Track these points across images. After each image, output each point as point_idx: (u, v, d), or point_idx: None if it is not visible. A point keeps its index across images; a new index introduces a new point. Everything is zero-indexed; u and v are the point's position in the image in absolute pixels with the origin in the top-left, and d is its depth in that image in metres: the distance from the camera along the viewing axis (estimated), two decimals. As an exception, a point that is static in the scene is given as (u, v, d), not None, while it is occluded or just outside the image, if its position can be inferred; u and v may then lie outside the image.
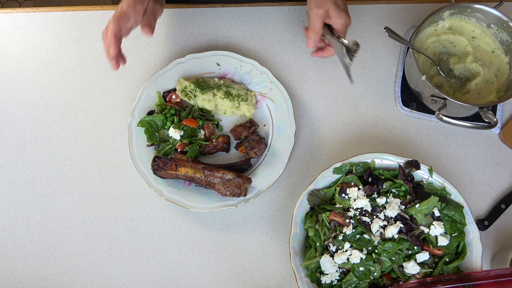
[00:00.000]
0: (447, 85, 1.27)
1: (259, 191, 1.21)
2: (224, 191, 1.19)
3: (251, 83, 1.32)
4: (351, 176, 1.15)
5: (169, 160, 1.21)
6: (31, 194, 1.28)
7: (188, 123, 1.25)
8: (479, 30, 1.30)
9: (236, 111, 1.29)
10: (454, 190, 1.15)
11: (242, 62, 1.32)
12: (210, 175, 1.19)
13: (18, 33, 1.41)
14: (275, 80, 1.30)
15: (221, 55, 1.32)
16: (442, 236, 1.10)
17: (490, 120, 1.17)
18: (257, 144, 1.25)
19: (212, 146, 1.26)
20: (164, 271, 1.22)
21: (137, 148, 1.24)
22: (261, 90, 1.31)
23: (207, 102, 1.27)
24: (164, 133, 1.26)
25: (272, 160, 1.25)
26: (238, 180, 1.19)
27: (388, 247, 1.08)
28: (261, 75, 1.31)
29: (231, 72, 1.33)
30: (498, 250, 1.23)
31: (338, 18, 1.12)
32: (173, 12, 1.43)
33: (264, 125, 1.30)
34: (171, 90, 1.30)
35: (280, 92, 1.29)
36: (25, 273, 1.23)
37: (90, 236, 1.25)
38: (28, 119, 1.34)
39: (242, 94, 1.29)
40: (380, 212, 1.12)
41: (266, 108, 1.31)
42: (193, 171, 1.20)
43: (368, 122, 1.33)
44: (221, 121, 1.32)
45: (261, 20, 1.42)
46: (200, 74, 1.33)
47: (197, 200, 1.21)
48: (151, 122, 1.25)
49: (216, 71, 1.33)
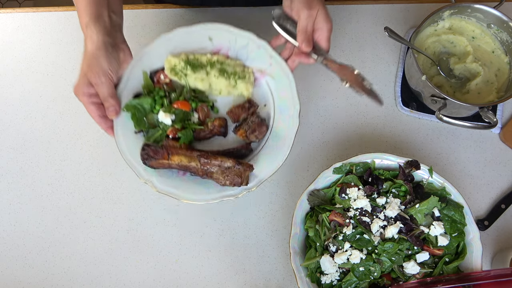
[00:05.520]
0: (447, 85, 1.27)
1: (262, 179, 1.11)
2: (223, 181, 1.08)
3: (248, 59, 1.19)
4: (351, 176, 1.15)
5: (160, 148, 1.09)
6: (31, 194, 1.28)
7: (180, 105, 1.13)
8: (479, 30, 1.30)
9: (233, 90, 1.16)
10: (454, 190, 1.15)
11: (237, 35, 1.17)
12: (206, 163, 1.08)
13: (18, 33, 1.41)
14: (274, 54, 1.16)
15: (213, 29, 1.18)
16: (442, 236, 1.10)
17: (490, 120, 1.17)
18: (257, 126, 1.13)
19: (207, 131, 1.15)
20: (164, 271, 1.22)
21: (123, 135, 1.11)
22: (260, 66, 1.18)
23: (200, 81, 1.15)
24: (153, 117, 1.14)
25: (275, 144, 1.14)
26: (238, 168, 1.07)
27: (388, 247, 1.08)
28: (259, 50, 1.17)
29: (225, 47, 1.19)
30: (498, 250, 1.23)
31: (326, 22, 1.08)
32: (173, 12, 1.43)
33: (265, 104, 1.18)
34: (159, 70, 1.17)
35: (280, 67, 1.16)
36: (25, 273, 1.23)
37: (90, 236, 1.25)
38: (28, 119, 1.34)
39: (238, 71, 1.15)
40: (380, 212, 1.12)
41: (265, 86, 1.18)
42: (187, 159, 1.08)
43: (368, 122, 1.33)
44: (216, 102, 1.19)
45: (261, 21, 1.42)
46: (191, 51, 1.17)
47: (193, 191, 1.10)
48: (138, 106, 1.12)
49: (209, 47, 1.19)
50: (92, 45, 1.03)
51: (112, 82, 1.07)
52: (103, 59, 1.03)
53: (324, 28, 1.08)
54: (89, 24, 1.04)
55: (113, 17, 1.08)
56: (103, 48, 1.03)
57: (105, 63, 1.04)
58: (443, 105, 1.18)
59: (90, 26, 1.03)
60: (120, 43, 1.10)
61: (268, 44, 1.16)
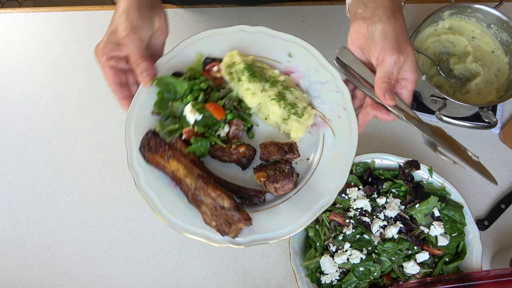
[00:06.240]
0: (447, 85, 1.27)
1: (257, 240, 0.88)
2: (208, 219, 0.87)
3: (319, 98, 0.97)
4: (351, 176, 1.15)
5: (165, 144, 0.91)
6: (31, 194, 1.28)
7: (213, 109, 0.92)
8: (479, 30, 1.30)
9: (282, 123, 0.95)
10: (454, 190, 1.15)
11: (322, 67, 0.96)
12: (202, 188, 0.87)
13: (18, 33, 1.42)
14: (350, 108, 0.94)
15: (297, 45, 0.98)
16: (442, 236, 1.10)
17: (490, 120, 1.17)
18: (283, 178, 0.89)
19: (227, 153, 0.93)
20: (164, 271, 1.22)
21: (139, 108, 0.93)
22: (327, 113, 0.96)
23: (251, 94, 0.94)
24: (179, 107, 0.94)
25: (294, 208, 0.90)
26: (233, 214, 0.85)
27: (388, 247, 1.08)
28: (337, 94, 0.95)
29: (300, 73, 0.98)
30: (498, 250, 1.23)
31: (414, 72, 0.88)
32: (173, 12, 1.43)
33: (307, 158, 0.95)
34: (216, 60, 0.98)
35: (350, 126, 0.93)
36: (25, 273, 1.23)
37: (90, 236, 1.25)
38: (28, 119, 1.34)
39: (299, 106, 0.93)
40: (380, 212, 1.12)
41: (320, 139, 0.95)
42: (184, 172, 0.89)
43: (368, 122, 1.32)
44: (257, 126, 0.98)
45: (262, 20, 1.42)
46: (262, 57, 0.99)
47: (175, 211, 0.89)
48: (170, 86, 0.94)
49: (283, 62, 0.99)
50: (125, 2, 0.90)
51: (144, 44, 0.91)
52: (135, 17, 0.89)
53: (410, 80, 0.88)
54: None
55: None
56: (136, 5, 0.89)
57: (137, 22, 0.89)
58: (443, 105, 1.18)
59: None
60: (157, 6, 0.95)
61: (349, 91, 0.94)
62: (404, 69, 0.87)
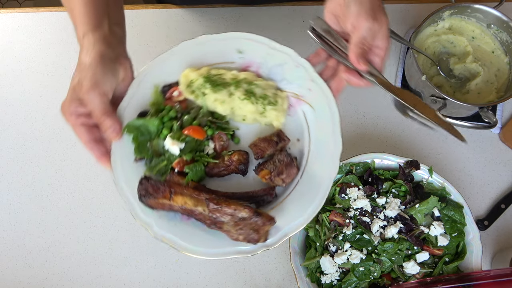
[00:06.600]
0: (447, 85, 1.27)
1: (287, 233, 0.87)
2: (235, 235, 0.85)
3: (284, 80, 0.96)
4: (351, 176, 1.15)
5: (162, 184, 0.87)
6: (31, 194, 1.28)
7: (192, 132, 0.90)
8: (479, 30, 1.30)
9: (260, 118, 0.94)
10: (454, 190, 1.15)
11: (274, 50, 0.95)
12: (216, 210, 0.84)
13: (18, 33, 1.41)
14: (316, 77, 0.93)
15: (244, 39, 0.96)
16: (442, 236, 1.10)
17: (490, 120, 1.18)
18: (285, 167, 0.90)
19: (223, 167, 0.91)
20: (164, 271, 1.22)
21: (121, 161, 0.89)
22: (297, 90, 0.95)
23: (221, 103, 0.92)
24: (159, 144, 0.91)
25: (306, 190, 0.89)
26: (255, 220, 0.84)
27: (388, 247, 1.08)
28: (298, 69, 0.94)
29: (257, 63, 0.97)
30: (498, 250, 1.23)
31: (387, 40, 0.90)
32: (173, 12, 1.43)
33: (298, 139, 0.95)
34: (173, 84, 0.95)
35: (323, 94, 0.93)
36: (25, 273, 1.23)
37: (90, 236, 1.25)
38: (28, 119, 1.34)
39: (269, 95, 0.93)
40: (380, 212, 1.12)
41: (301, 116, 0.95)
42: (193, 202, 0.86)
43: (368, 122, 1.33)
44: (238, 130, 0.96)
45: (261, 20, 1.42)
46: (215, 64, 0.97)
47: (200, 242, 0.87)
48: (141, 128, 0.91)
49: (237, 61, 0.97)
50: (87, 56, 0.87)
51: (107, 99, 0.88)
52: (98, 71, 0.86)
53: (383, 47, 0.90)
54: (87, 34, 0.89)
55: (114, 28, 0.93)
56: (99, 59, 0.87)
57: (100, 77, 0.87)
58: (443, 105, 1.18)
59: (88, 35, 0.89)
60: (121, 57, 0.92)
61: (310, 64, 0.94)
62: (377, 37, 0.89)
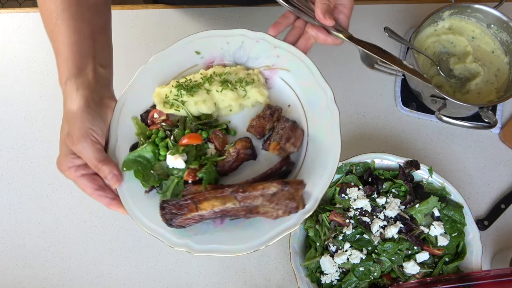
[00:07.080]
0: (447, 85, 1.27)
1: (318, 195, 0.86)
2: (274, 212, 0.84)
3: (249, 59, 0.99)
4: (351, 176, 1.15)
5: (183, 200, 0.85)
6: (31, 194, 1.28)
7: (189, 141, 0.91)
8: (479, 30, 1.30)
9: (245, 101, 0.95)
10: (454, 190, 1.15)
11: (228, 37, 0.98)
12: (246, 197, 0.83)
13: (18, 33, 1.41)
14: (278, 43, 0.96)
15: (196, 40, 0.99)
16: (442, 236, 1.10)
17: (490, 120, 1.17)
18: (290, 131, 0.89)
19: (231, 159, 0.91)
20: (164, 271, 1.22)
21: (133, 200, 0.89)
22: (266, 62, 0.98)
23: (202, 103, 0.93)
24: (162, 166, 0.91)
25: (319, 146, 0.89)
26: (287, 189, 0.83)
27: (388, 247, 1.08)
28: (258, 44, 0.97)
29: (218, 56, 0.99)
30: (498, 250, 1.23)
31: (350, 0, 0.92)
32: (173, 12, 1.43)
33: (289, 105, 0.95)
34: (149, 109, 0.96)
35: (291, 55, 0.95)
36: (25, 273, 1.23)
37: (90, 236, 1.25)
38: (28, 119, 1.34)
39: (244, 77, 0.95)
40: (380, 212, 1.12)
41: (282, 83, 0.96)
42: (221, 201, 0.84)
43: (368, 122, 1.33)
44: (229, 123, 0.97)
45: (261, 20, 1.42)
46: (179, 74, 0.99)
47: (241, 239, 0.86)
48: (139, 160, 0.90)
49: (199, 62, 0.99)
50: (72, 103, 0.86)
51: (99, 145, 0.87)
52: (84, 119, 0.85)
53: (348, 5, 0.93)
54: (69, 79, 0.87)
55: (99, 70, 0.91)
56: (84, 105, 0.85)
57: (89, 124, 0.85)
58: (443, 105, 1.18)
59: (70, 80, 0.87)
60: (106, 98, 0.92)
61: (267, 34, 0.97)
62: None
